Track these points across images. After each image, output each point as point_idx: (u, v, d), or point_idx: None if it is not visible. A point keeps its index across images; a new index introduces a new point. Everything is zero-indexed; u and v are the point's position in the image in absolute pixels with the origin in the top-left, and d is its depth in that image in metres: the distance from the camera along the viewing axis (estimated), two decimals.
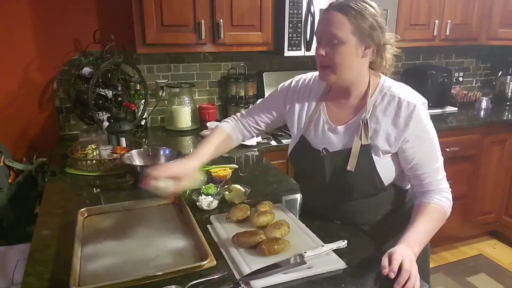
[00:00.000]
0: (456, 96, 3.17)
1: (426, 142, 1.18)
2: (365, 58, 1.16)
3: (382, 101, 1.18)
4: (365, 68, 1.20)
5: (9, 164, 2.01)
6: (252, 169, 1.85)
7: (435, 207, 1.18)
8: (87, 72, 2.18)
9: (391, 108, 1.17)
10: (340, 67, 1.14)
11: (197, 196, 1.41)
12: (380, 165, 1.18)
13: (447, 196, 1.21)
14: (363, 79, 1.21)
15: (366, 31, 1.11)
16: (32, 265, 1.08)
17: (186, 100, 2.47)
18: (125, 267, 1.05)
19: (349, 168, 1.19)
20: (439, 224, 1.18)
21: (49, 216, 1.35)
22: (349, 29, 1.10)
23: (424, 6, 2.67)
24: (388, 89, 1.19)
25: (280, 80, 2.68)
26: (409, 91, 1.19)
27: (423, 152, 1.18)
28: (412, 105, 1.14)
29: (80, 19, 2.29)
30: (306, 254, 1.05)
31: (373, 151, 1.18)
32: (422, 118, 1.15)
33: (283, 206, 1.39)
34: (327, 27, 1.12)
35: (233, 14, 2.24)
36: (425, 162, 1.19)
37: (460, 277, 2.67)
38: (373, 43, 1.14)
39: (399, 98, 1.16)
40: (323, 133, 1.27)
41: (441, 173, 1.22)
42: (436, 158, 1.20)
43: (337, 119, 1.26)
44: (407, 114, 1.14)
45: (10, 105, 2.28)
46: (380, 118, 1.18)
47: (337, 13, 1.11)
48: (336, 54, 1.13)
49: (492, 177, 2.95)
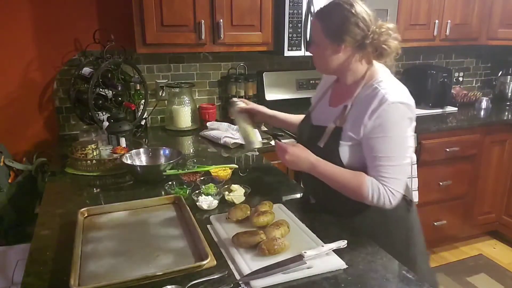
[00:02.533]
0: (456, 96, 3.17)
1: (385, 138, 1.19)
2: (346, 54, 1.26)
3: (366, 91, 1.26)
4: (353, 62, 1.28)
5: (9, 164, 2.01)
6: (252, 169, 1.85)
7: (362, 176, 1.22)
8: (87, 72, 2.18)
9: (368, 98, 1.23)
10: (318, 63, 1.34)
11: (197, 196, 1.41)
12: (344, 149, 1.27)
13: (383, 189, 1.20)
14: (354, 71, 1.30)
15: (337, 32, 1.23)
16: (32, 265, 1.08)
17: (186, 100, 2.47)
18: (125, 267, 1.05)
19: (319, 143, 1.32)
20: (349, 187, 1.23)
21: (49, 216, 1.35)
22: (320, 31, 1.26)
23: (424, 6, 2.67)
24: (377, 82, 1.24)
25: (280, 80, 2.72)
26: (395, 89, 1.22)
27: (372, 146, 1.21)
28: (385, 99, 1.18)
29: (80, 19, 2.29)
30: (306, 254, 1.05)
31: (342, 134, 1.27)
32: (388, 115, 1.18)
33: (283, 206, 1.39)
34: (310, 31, 1.38)
35: (233, 14, 2.24)
36: (370, 155, 1.22)
37: (460, 277, 2.67)
38: (350, 39, 1.23)
39: (378, 91, 1.21)
40: (322, 112, 1.42)
41: (391, 173, 1.20)
42: (383, 157, 1.20)
43: (334, 101, 1.39)
44: (376, 106, 1.19)
45: (10, 105, 2.28)
46: (354, 105, 1.27)
47: (314, 19, 1.31)
48: (314, 54, 1.33)
49: (492, 177, 2.95)
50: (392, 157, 1.20)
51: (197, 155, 2.05)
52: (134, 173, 1.66)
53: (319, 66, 1.36)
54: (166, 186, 1.51)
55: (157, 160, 1.76)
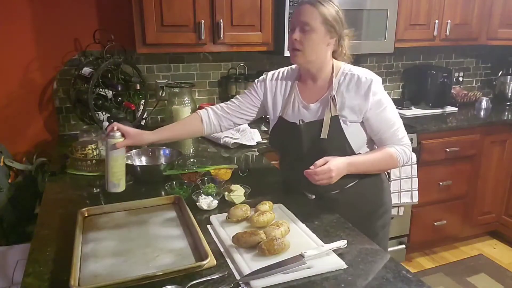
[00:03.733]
0: (456, 96, 3.17)
1: (384, 110, 1.40)
2: (329, 46, 1.41)
3: (345, 79, 1.43)
4: (329, 56, 1.44)
5: (9, 164, 2.01)
6: (252, 169, 1.85)
7: (387, 149, 1.42)
8: (87, 72, 2.17)
9: (352, 84, 1.41)
10: (308, 49, 1.38)
11: (197, 196, 1.41)
12: (349, 132, 1.41)
13: (404, 149, 1.44)
14: (327, 65, 1.45)
15: (331, 23, 1.36)
16: (32, 265, 1.08)
17: (186, 100, 2.47)
18: (125, 267, 1.05)
19: (322, 136, 1.41)
20: (385, 163, 1.44)
21: (49, 216, 1.35)
22: (318, 19, 1.35)
23: (424, 6, 2.67)
24: (349, 70, 1.44)
25: None
26: (365, 71, 1.44)
27: (383, 118, 1.41)
28: (369, 80, 1.39)
29: (80, 19, 2.29)
30: (306, 254, 1.05)
31: (341, 120, 1.41)
32: (377, 91, 1.39)
33: (283, 206, 1.39)
34: (301, 16, 1.36)
35: (233, 14, 2.24)
36: (385, 126, 1.42)
37: (460, 277, 2.67)
38: (336, 34, 1.39)
39: (358, 76, 1.41)
40: (298, 111, 1.50)
41: (401, 133, 1.44)
42: (394, 122, 1.43)
43: (308, 98, 1.49)
44: (366, 88, 1.39)
45: (10, 105, 2.28)
46: (344, 93, 1.41)
47: (309, 6, 1.36)
48: (306, 39, 1.37)
49: (492, 177, 2.95)
50: (397, 120, 1.44)
51: (197, 155, 2.05)
52: (134, 173, 1.66)
53: (308, 53, 1.38)
54: (166, 186, 1.51)
55: (157, 160, 1.76)
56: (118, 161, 1.41)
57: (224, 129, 1.64)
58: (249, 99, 1.61)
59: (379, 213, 1.57)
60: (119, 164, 1.41)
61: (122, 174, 1.43)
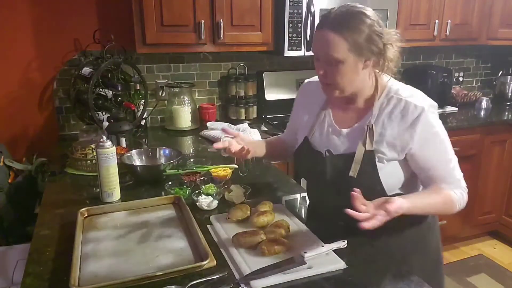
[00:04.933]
0: (456, 96, 3.17)
1: (436, 144, 1.16)
2: (367, 69, 1.14)
3: (388, 104, 1.16)
4: (367, 76, 1.17)
5: (9, 164, 2.01)
6: (252, 169, 1.84)
7: (448, 193, 1.17)
8: (87, 72, 2.17)
9: (397, 112, 1.14)
10: (341, 84, 1.14)
11: (197, 196, 1.41)
12: (384, 172, 1.16)
13: (463, 193, 1.20)
14: (367, 84, 1.19)
15: (363, 45, 1.08)
16: (32, 265, 1.08)
17: (186, 100, 2.47)
18: (125, 267, 1.05)
19: (351, 174, 1.16)
20: (442, 209, 1.19)
21: (49, 216, 1.35)
22: (345, 48, 1.07)
23: (424, 6, 2.67)
24: (395, 92, 1.17)
25: (280, 80, 2.72)
26: (417, 94, 1.17)
27: (433, 155, 1.16)
28: (420, 108, 1.12)
29: (80, 19, 2.29)
30: (306, 254, 1.04)
31: (377, 157, 1.15)
32: (430, 121, 1.13)
33: (283, 206, 1.39)
34: (323, 47, 1.10)
35: (233, 14, 2.24)
36: (436, 164, 1.17)
37: (460, 277, 2.67)
38: (372, 54, 1.11)
39: (406, 101, 1.13)
40: (327, 136, 1.26)
41: (458, 173, 1.21)
42: (449, 159, 1.18)
43: (342, 122, 1.24)
44: (414, 118, 1.12)
45: (10, 105, 2.28)
46: (385, 123, 1.15)
47: (331, 33, 1.08)
48: (335, 73, 1.12)
49: (492, 177, 2.95)
50: (453, 158, 1.19)
51: (197, 155, 2.04)
52: (134, 173, 1.66)
53: (342, 87, 1.14)
54: (166, 186, 1.51)
55: (157, 160, 1.76)
56: (110, 170, 1.42)
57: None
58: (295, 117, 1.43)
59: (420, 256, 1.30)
60: (111, 173, 1.42)
61: (115, 183, 1.44)
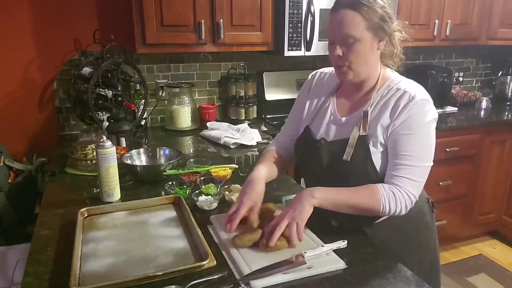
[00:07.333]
0: (456, 96, 3.17)
1: (411, 135, 1.12)
2: (379, 50, 1.17)
3: (387, 94, 1.18)
4: (378, 61, 1.20)
5: (9, 164, 2.01)
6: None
7: (371, 185, 1.13)
8: (87, 72, 2.17)
9: (394, 100, 1.16)
10: (357, 64, 1.14)
11: (197, 196, 1.41)
12: (377, 157, 1.17)
13: (397, 194, 1.12)
14: (375, 72, 1.20)
15: (378, 25, 1.11)
16: (32, 265, 1.08)
17: (186, 100, 2.47)
18: (125, 267, 1.05)
19: (345, 157, 1.17)
20: (364, 200, 1.12)
21: (49, 216, 1.35)
22: (363, 25, 1.09)
23: (424, 6, 2.67)
24: (397, 84, 1.18)
25: (280, 80, 2.72)
26: (419, 88, 1.17)
27: (412, 144, 1.12)
28: (413, 97, 1.13)
29: (80, 19, 2.29)
30: (306, 254, 1.05)
31: (371, 142, 1.17)
32: (418, 112, 1.12)
33: (283, 206, 1.39)
34: (341, 27, 1.11)
35: (233, 14, 2.24)
36: (408, 155, 1.12)
37: (460, 277, 2.67)
38: (385, 35, 1.14)
39: (404, 91, 1.15)
40: (327, 124, 1.27)
41: (411, 175, 1.13)
42: (413, 157, 1.12)
43: (343, 110, 1.26)
44: (404, 104, 1.13)
45: (10, 105, 2.28)
46: (380, 110, 1.17)
47: (349, 11, 1.09)
48: (352, 53, 1.12)
49: (492, 177, 2.95)
50: (414, 157, 1.13)
51: (197, 155, 2.05)
52: (134, 173, 1.66)
53: (357, 68, 1.15)
54: (166, 186, 1.51)
55: (157, 160, 1.76)
56: (110, 170, 1.42)
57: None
58: (298, 114, 1.39)
59: (417, 254, 1.30)
60: (111, 173, 1.43)
61: (115, 183, 1.45)
